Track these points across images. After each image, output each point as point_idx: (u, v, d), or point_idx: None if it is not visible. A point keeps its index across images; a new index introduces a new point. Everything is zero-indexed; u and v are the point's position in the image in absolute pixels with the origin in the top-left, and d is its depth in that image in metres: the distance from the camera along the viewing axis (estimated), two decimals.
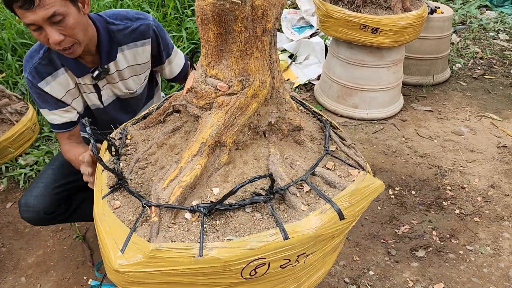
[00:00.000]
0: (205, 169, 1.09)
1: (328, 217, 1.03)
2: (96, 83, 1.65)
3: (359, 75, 3.19)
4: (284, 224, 1.00)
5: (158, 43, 1.67)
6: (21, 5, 1.26)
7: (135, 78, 1.72)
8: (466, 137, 3.10)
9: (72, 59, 1.53)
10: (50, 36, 1.33)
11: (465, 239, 2.27)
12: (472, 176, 2.71)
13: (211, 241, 0.96)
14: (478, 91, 3.76)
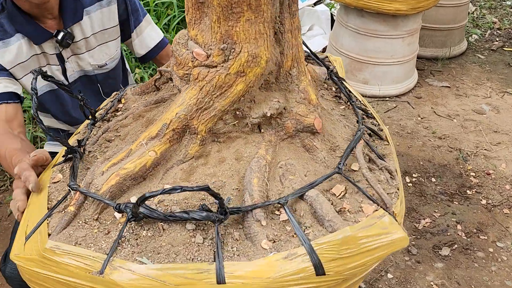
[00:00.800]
0: (163, 158, 0.88)
1: (296, 268, 0.71)
2: (60, 52, 1.40)
3: (371, 47, 2.85)
4: (225, 261, 0.71)
5: (126, 3, 1.44)
6: None
7: (103, 48, 1.48)
8: (488, 116, 2.80)
9: (31, 23, 1.29)
10: None
11: (495, 234, 1.99)
12: (498, 161, 2.41)
13: (121, 257, 0.72)
14: (498, 65, 3.43)
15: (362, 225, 0.77)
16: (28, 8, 1.27)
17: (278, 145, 0.93)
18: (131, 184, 0.84)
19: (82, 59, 1.44)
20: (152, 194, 0.68)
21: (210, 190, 0.69)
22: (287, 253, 0.72)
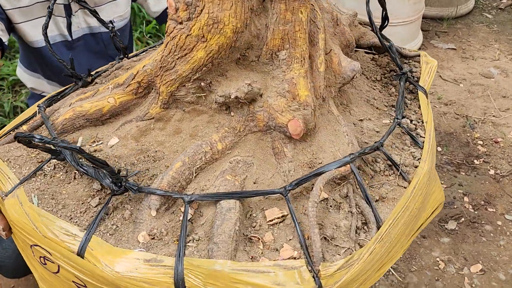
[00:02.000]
0: (124, 109, 0.86)
1: (152, 277, 0.63)
2: (69, 3, 1.30)
3: (373, 7, 2.65)
4: (95, 235, 0.69)
5: None
6: None
7: (112, 5, 1.38)
8: (496, 80, 2.65)
9: None
10: None
11: (503, 207, 1.90)
12: (507, 128, 2.29)
13: (25, 188, 0.75)
14: (506, 25, 3.25)
15: (251, 266, 0.62)
16: None
17: (245, 136, 0.82)
18: (85, 123, 0.84)
19: (90, 15, 1.32)
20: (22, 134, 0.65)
21: (107, 167, 0.66)
22: (154, 257, 0.64)
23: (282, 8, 0.76)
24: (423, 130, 0.94)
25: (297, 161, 0.80)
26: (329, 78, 0.89)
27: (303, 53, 0.80)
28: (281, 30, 0.77)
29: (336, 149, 0.81)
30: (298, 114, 0.78)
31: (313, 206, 0.69)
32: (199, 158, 0.78)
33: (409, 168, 0.84)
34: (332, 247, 0.69)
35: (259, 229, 0.71)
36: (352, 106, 0.98)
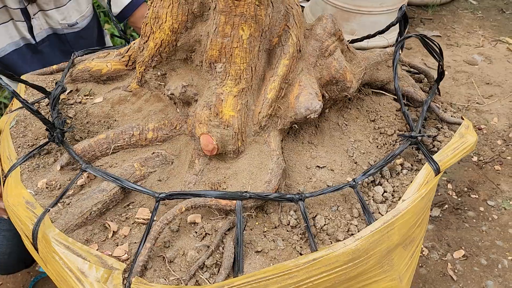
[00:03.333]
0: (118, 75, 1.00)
1: None
2: (26, 6, 1.25)
3: None
4: None
5: None
6: None
7: (73, 4, 1.34)
8: (480, 67, 2.68)
9: None
10: None
11: (486, 193, 1.94)
12: (490, 115, 2.33)
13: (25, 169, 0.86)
14: (490, 11, 3.27)
15: (72, 245, 0.72)
16: None
17: (179, 135, 0.86)
18: (89, 78, 0.99)
19: (50, 16, 1.30)
20: None
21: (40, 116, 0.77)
22: (33, 202, 0.78)
23: (222, 20, 0.73)
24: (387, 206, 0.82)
25: (205, 177, 0.80)
26: (281, 108, 0.84)
27: (239, 71, 0.77)
28: (218, 42, 0.75)
29: (250, 182, 0.78)
30: (215, 131, 0.78)
31: (161, 222, 0.70)
32: (123, 138, 0.84)
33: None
34: (164, 269, 0.69)
35: (123, 221, 0.76)
36: (320, 149, 0.91)
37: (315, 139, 0.93)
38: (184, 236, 0.75)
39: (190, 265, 0.70)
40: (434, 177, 0.86)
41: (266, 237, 0.76)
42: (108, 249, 0.72)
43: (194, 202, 0.72)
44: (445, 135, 0.97)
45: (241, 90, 0.77)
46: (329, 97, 0.91)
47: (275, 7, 0.78)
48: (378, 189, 0.86)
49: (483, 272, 1.63)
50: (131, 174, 0.80)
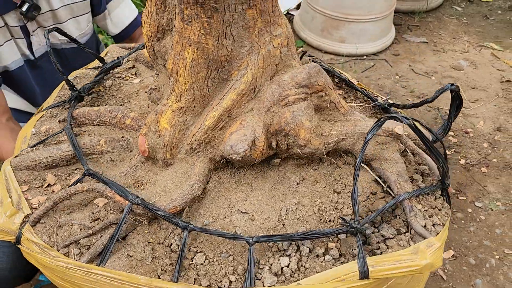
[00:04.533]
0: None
1: None
2: (25, 24, 1.30)
3: (347, 3, 2.73)
4: None
5: None
6: None
7: (73, 22, 1.39)
8: (466, 72, 2.76)
9: None
10: None
11: (473, 194, 2.00)
12: (476, 118, 2.40)
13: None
14: (475, 17, 3.36)
15: None
16: None
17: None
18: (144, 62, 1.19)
19: (50, 33, 1.31)
20: None
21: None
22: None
23: (175, 39, 0.78)
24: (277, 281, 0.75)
25: (135, 172, 0.88)
26: (216, 138, 0.85)
27: (181, 90, 0.81)
28: (171, 58, 0.80)
29: (161, 193, 0.83)
30: (151, 136, 0.85)
31: (65, 191, 0.84)
32: (108, 116, 0.98)
33: None
34: (50, 230, 0.84)
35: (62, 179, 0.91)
36: (254, 195, 0.88)
37: (255, 183, 0.89)
38: (83, 212, 0.84)
39: (68, 237, 0.80)
40: (356, 280, 0.73)
41: (145, 247, 0.79)
42: (33, 195, 0.86)
43: (95, 186, 0.82)
44: (399, 243, 0.82)
45: (180, 107, 0.82)
46: (281, 149, 0.87)
47: (237, 41, 0.78)
48: (282, 260, 0.78)
49: (472, 271, 1.69)
50: (92, 147, 0.93)
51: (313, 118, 0.84)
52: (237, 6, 0.74)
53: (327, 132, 0.86)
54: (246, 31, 0.78)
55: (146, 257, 0.77)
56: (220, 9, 0.72)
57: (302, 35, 3.02)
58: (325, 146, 0.85)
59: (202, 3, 0.70)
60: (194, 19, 0.72)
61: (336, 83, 1.22)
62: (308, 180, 0.89)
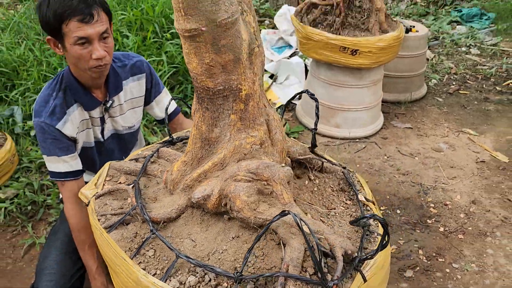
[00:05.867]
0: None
1: None
2: (103, 116, 1.69)
3: (340, 96, 3.24)
4: None
5: (151, 78, 1.77)
6: (82, 19, 1.37)
7: (132, 112, 1.78)
8: (445, 153, 3.18)
9: (85, 93, 1.59)
10: (98, 49, 1.43)
11: (451, 257, 2.31)
12: (454, 193, 2.77)
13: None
14: (454, 107, 3.86)
15: None
16: (85, 80, 1.56)
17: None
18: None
19: (116, 121, 1.73)
20: None
21: None
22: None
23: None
24: None
25: (156, 191, 1.27)
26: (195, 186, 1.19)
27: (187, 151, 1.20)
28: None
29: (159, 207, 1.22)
30: (168, 173, 1.24)
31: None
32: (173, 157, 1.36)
33: None
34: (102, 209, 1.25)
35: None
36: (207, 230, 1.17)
37: (210, 226, 1.16)
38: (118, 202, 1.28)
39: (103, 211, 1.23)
40: None
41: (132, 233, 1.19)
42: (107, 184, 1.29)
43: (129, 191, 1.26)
44: None
45: (184, 161, 1.20)
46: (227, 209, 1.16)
47: (222, 131, 1.14)
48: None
49: None
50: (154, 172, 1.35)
51: (252, 196, 1.10)
52: (224, 111, 1.12)
53: (261, 210, 1.10)
54: (228, 126, 1.14)
55: (129, 237, 1.13)
56: (210, 109, 1.11)
57: (304, 121, 3.51)
58: (256, 219, 1.10)
59: (201, 102, 1.12)
60: (197, 110, 1.14)
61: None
62: (241, 238, 1.14)
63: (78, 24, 1.38)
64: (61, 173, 1.58)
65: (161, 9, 3.84)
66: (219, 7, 0.95)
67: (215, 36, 0.98)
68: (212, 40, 0.98)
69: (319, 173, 1.38)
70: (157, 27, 3.75)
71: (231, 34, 1.00)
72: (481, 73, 4.48)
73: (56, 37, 1.44)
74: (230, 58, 1.02)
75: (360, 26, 3.10)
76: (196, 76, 1.06)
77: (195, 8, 0.95)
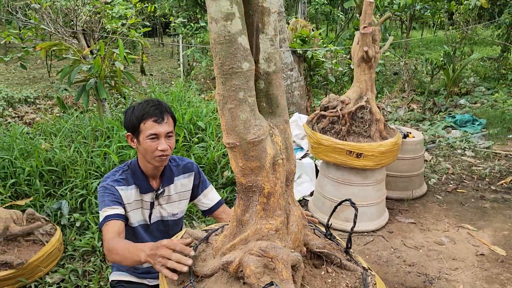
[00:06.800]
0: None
1: None
2: (153, 201, 2.10)
3: (348, 193, 3.64)
4: None
5: (199, 177, 2.21)
6: (155, 120, 1.88)
7: (178, 203, 2.18)
8: (447, 246, 3.47)
9: (144, 179, 2.04)
10: (163, 143, 1.90)
11: None
12: (457, 283, 3.02)
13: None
14: (453, 204, 4.22)
15: None
16: (146, 170, 2.02)
17: None
18: None
19: (163, 208, 2.12)
20: None
21: None
22: None
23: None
24: None
25: (205, 254, 1.61)
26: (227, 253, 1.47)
27: (226, 230, 1.56)
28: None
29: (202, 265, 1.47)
30: (212, 243, 1.60)
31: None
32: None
33: None
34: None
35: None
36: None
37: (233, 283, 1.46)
38: None
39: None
40: None
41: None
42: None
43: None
44: None
45: (225, 235, 1.52)
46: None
47: (250, 217, 1.49)
48: None
49: None
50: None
51: (259, 268, 1.34)
52: (253, 201, 1.48)
53: (263, 280, 1.34)
54: (255, 213, 1.49)
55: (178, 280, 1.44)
56: (243, 199, 1.49)
57: (315, 216, 3.87)
58: (259, 286, 1.36)
59: (239, 193, 1.51)
60: (237, 198, 1.52)
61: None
62: None
63: (152, 124, 1.88)
64: (107, 216, 1.90)
65: (189, 117, 4.44)
66: (249, 130, 1.40)
67: (245, 149, 1.41)
68: (244, 151, 1.42)
69: (339, 268, 1.53)
70: (186, 132, 4.30)
71: (258, 149, 1.43)
72: (477, 173, 4.91)
73: (133, 133, 1.94)
74: (256, 165, 1.44)
75: (363, 134, 3.61)
76: (235, 174, 1.48)
77: (233, 130, 1.40)
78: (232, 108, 1.40)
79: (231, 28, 1.38)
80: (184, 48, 9.70)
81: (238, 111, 1.40)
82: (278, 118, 1.54)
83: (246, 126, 1.40)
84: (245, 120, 1.40)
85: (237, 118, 1.40)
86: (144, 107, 1.90)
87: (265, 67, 1.51)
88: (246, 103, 1.41)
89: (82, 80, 4.23)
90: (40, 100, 8.14)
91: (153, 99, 1.96)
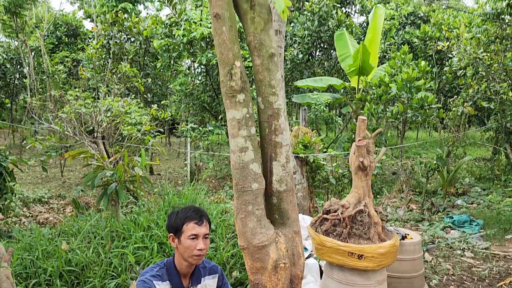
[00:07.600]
0: None
1: None
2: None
3: None
4: None
5: (222, 278, 2.50)
6: (196, 222, 2.21)
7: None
8: None
9: (177, 277, 2.31)
10: (201, 243, 2.20)
11: None
12: None
13: None
14: None
15: None
16: (181, 268, 2.30)
17: None
18: None
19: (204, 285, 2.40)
20: None
21: None
22: None
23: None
24: None
25: None
26: None
27: None
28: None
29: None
30: None
31: None
32: None
33: None
34: None
35: None
36: None
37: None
38: None
39: None
40: None
41: None
42: None
43: None
44: None
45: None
46: None
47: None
48: None
49: None
50: None
51: None
52: None
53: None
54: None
55: None
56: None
57: None
58: None
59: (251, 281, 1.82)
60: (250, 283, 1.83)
61: None
62: None
63: (193, 226, 2.21)
64: None
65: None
66: (255, 236, 1.76)
67: (252, 251, 1.76)
68: (251, 253, 1.76)
69: None
70: None
71: (262, 252, 1.78)
72: (477, 274, 5.06)
73: (175, 234, 2.26)
74: (260, 266, 1.78)
75: (363, 236, 3.89)
76: (247, 271, 1.80)
77: (243, 235, 1.77)
78: (243, 217, 1.79)
79: (245, 157, 1.82)
80: (191, 148, 10.32)
81: (247, 221, 1.78)
82: (288, 228, 1.89)
83: (253, 232, 1.77)
84: (252, 228, 1.78)
85: (246, 226, 1.78)
86: (186, 212, 2.26)
87: (277, 187, 1.90)
88: (253, 215, 1.80)
89: (104, 184, 4.63)
90: (53, 200, 8.52)
91: (193, 205, 2.36)
